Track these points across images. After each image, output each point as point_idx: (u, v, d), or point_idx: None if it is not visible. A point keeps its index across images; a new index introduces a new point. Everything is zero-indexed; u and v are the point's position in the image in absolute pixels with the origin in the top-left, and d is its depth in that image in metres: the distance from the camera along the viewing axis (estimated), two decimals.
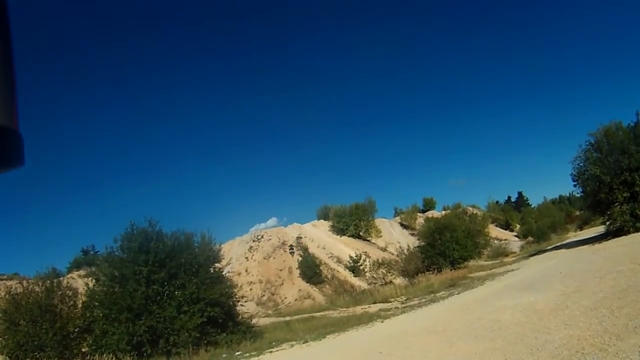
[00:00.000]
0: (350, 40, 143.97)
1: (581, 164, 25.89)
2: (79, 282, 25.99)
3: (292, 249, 52.53)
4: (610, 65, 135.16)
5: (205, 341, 16.17)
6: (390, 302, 23.18)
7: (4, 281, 28.75)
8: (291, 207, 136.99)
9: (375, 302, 24.29)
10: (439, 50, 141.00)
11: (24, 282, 19.59)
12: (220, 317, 16.91)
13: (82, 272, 35.19)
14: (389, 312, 18.77)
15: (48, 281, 18.42)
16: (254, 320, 20.50)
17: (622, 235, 22.83)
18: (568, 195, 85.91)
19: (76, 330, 17.67)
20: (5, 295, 18.63)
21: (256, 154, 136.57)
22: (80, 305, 18.28)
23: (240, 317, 19.44)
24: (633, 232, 22.47)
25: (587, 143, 25.60)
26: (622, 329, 7.94)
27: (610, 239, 23.79)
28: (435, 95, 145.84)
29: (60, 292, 18.21)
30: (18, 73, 1.13)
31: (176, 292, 16.13)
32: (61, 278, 22.52)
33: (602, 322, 8.60)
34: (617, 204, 23.40)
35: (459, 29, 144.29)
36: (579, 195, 32.48)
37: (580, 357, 7.25)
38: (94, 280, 17.88)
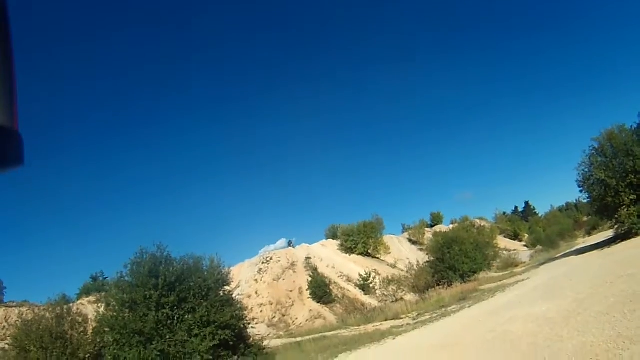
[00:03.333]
0: (356, 62, 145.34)
1: (586, 170, 25.75)
2: (89, 309, 25.97)
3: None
4: (610, 69, 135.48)
5: None
6: (402, 318, 23.03)
7: (13, 308, 28.77)
8: (300, 227, 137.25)
9: (386, 319, 24.13)
10: (443, 66, 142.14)
11: (35, 309, 19.60)
12: (232, 340, 16.85)
13: (91, 298, 35.18)
14: (400, 329, 18.64)
15: (58, 308, 18.48)
16: (265, 342, 20.40)
17: (630, 238, 22.66)
18: (575, 201, 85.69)
19: (87, 356, 17.69)
20: (16, 322, 18.66)
21: (264, 175, 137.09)
22: (90, 332, 18.31)
23: (251, 339, 19.39)
24: None
25: (591, 148, 25.51)
26: (635, 332, 7.88)
27: (619, 242, 23.62)
28: (438, 110, 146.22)
29: (70, 319, 18.27)
30: (18, 73, 1.17)
31: (187, 316, 16.10)
32: (71, 304, 22.53)
33: (615, 326, 8.54)
34: (624, 206, 23.22)
35: (461, 45, 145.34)
36: (585, 201, 32.29)
37: None
38: (104, 306, 17.88)
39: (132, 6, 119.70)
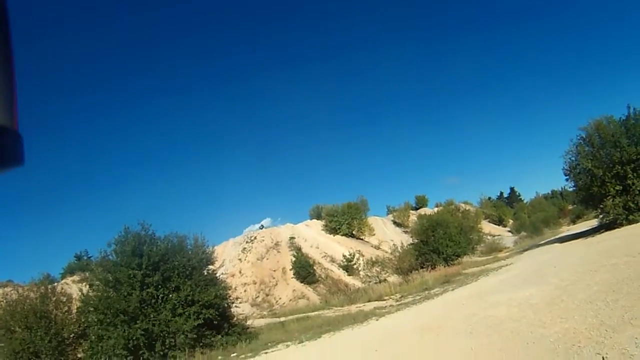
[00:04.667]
0: (344, 44, 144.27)
1: (573, 158, 25.86)
2: (73, 288, 25.82)
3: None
4: (600, 60, 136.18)
5: (201, 343, 16.09)
6: (385, 300, 23.16)
7: None
8: (285, 207, 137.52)
9: (369, 301, 24.27)
10: (432, 51, 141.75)
11: (19, 288, 19.44)
12: (215, 319, 16.83)
13: (76, 277, 35.05)
14: (383, 310, 18.73)
15: (42, 287, 18.35)
16: (249, 322, 20.44)
17: (615, 228, 22.87)
18: (560, 189, 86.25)
19: (71, 336, 17.63)
20: (0, 302, 18.53)
21: (249, 155, 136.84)
22: (74, 311, 18.21)
23: (235, 318, 19.37)
24: (626, 225, 22.51)
25: (579, 137, 25.61)
26: (617, 321, 7.93)
27: (603, 232, 23.83)
28: (426, 94, 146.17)
29: (54, 298, 18.16)
30: (18, 73, 1.13)
31: (171, 295, 16.03)
32: (55, 284, 22.38)
33: (598, 314, 8.60)
34: (609, 197, 23.37)
35: (450, 32, 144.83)
36: (571, 189, 32.43)
37: (576, 350, 7.24)
38: (88, 286, 17.77)
39: (133, 7, 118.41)
